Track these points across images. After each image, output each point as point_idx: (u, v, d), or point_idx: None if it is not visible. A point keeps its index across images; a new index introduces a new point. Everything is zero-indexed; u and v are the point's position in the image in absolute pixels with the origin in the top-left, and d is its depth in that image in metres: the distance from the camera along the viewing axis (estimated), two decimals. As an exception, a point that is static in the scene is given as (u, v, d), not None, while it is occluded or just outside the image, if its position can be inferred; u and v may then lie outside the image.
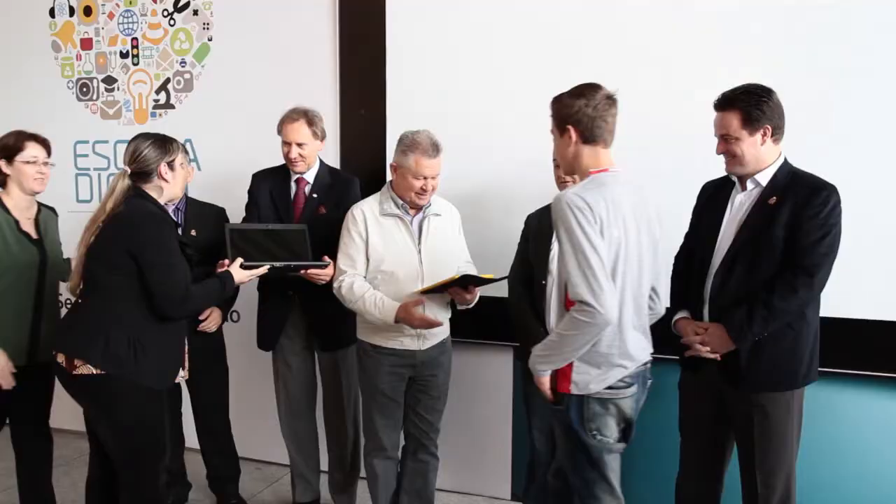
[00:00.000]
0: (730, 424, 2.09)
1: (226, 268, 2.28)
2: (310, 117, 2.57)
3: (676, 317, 2.13)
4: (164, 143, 2.16)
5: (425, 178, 2.28)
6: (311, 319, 2.64)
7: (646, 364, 1.86)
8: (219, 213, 2.76)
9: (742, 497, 2.10)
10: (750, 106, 1.94)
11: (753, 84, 1.98)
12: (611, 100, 1.77)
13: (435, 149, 2.28)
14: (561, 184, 2.29)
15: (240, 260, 2.27)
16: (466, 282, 2.26)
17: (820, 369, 2.06)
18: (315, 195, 2.63)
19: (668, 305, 2.14)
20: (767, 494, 2.03)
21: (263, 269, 2.30)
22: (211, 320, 2.66)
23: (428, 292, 2.28)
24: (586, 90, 1.77)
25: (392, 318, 2.26)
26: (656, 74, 2.57)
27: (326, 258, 2.43)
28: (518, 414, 2.89)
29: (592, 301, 1.62)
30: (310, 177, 2.66)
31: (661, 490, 2.36)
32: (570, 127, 1.78)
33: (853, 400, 2.48)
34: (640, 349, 1.82)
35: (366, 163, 2.99)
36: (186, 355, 2.23)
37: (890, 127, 2.36)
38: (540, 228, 2.32)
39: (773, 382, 1.99)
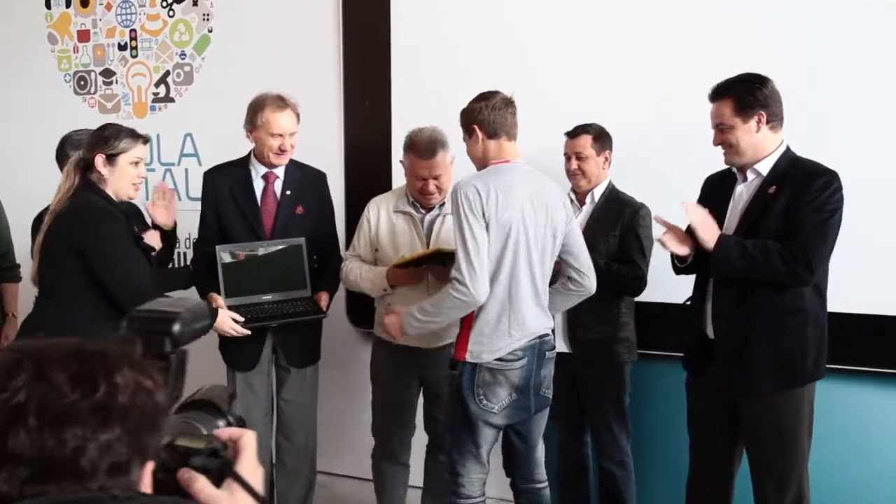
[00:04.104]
0: (738, 424, 2.19)
1: (217, 305, 2.38)
2: (291, 102, 2.54)
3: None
4: (107, 135, 2.16)
5: (424, 179, 2.40)
6: (283, 332, 2.58)
7: (542, 337, 2.17)
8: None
9: (754, 499, 2.21)
10: (742, 93, 2.06)
11: (748, 73, 2.10)
12: (507, 100, 2.16)
13: (430, 150, 2.37)
14: (572, 177, 2.55)
15: (236, 315, 2.39)
16: (442, 257, 2.30)
17: (833, 366, 2.17)
18: (289, 192, 2.58)
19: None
20: (780, 497, 2.13)
21: (247, 332, 2.41)
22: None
23: (403, 265, 2.39)
24: (484, 95, 2.16)
25: (383, 281, 2.41)
26: (663, 68, 2.70)
27: (323, 303, 2.53)
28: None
29: (468, 282, 1.99)
30: (279, 171, 2.59)
31: (673, 492, 2.46)
32: (475, 127, 2.14)
33: (868, 397, 2.58)
34: (536, 323, 2.15)
35: (371, 158, 3.13)
36: None
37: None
38: None
39: (779, 379, 2.08)
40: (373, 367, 2.65)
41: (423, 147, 2.37)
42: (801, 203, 2.00)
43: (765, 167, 2.09)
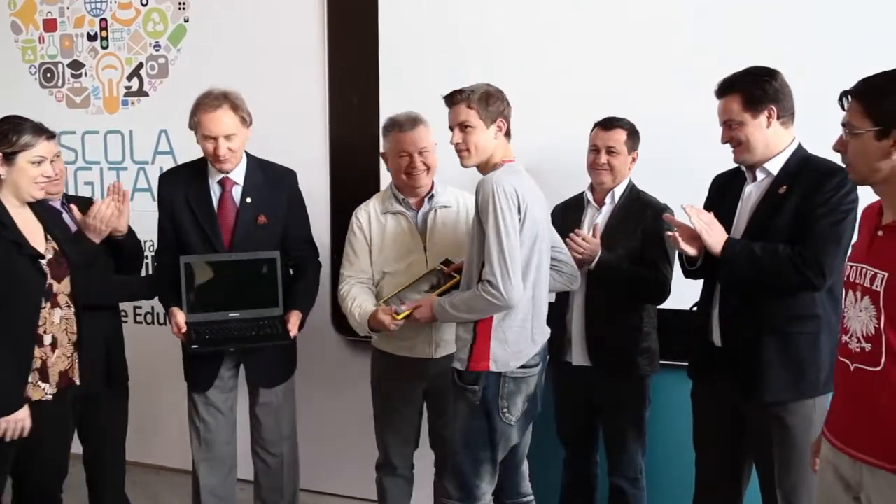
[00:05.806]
0: (747, 438, 2.17)
1: (176, 322, 2.36)
2: (232, 100, 2.41)
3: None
4: (5, 130, 2.02)
5: (409, 154, 2.39)
6: (248, 353, 2.54)
7: (547, 340, 2.21)
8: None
9: (763, 516, 2.17)
10: (751, 87, 2.04)
11: (755, 66, 2.08)
12: None
13: (412, 122, 2.42)
14: (597, 171, 2.46)
15: (181, 321, 2.36)
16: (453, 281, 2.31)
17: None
18: (249, 199, 2.48)
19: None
20: (790, 513, 2.11)
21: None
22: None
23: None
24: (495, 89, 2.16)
25: (366, 328, 2.35)
26: (669, 64, 2.68)
27: (292, 325, 2.45)
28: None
29: (500, 286, 1.97)
30: (238, 176, 2.49)
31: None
32: (503, 120, 2.14)
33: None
34: (548, 325, 2.21)
35: (358, 156, 3.10)
36: (76, 363, 2.19)
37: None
38: (565, 223, 2.46)
39: (790, 390, 2.05)
40: (373, 379, 2.60)
41: (405, 120, 2.42)
42: (813, 204, 1.98)
43: (775, 166, 2.08)
